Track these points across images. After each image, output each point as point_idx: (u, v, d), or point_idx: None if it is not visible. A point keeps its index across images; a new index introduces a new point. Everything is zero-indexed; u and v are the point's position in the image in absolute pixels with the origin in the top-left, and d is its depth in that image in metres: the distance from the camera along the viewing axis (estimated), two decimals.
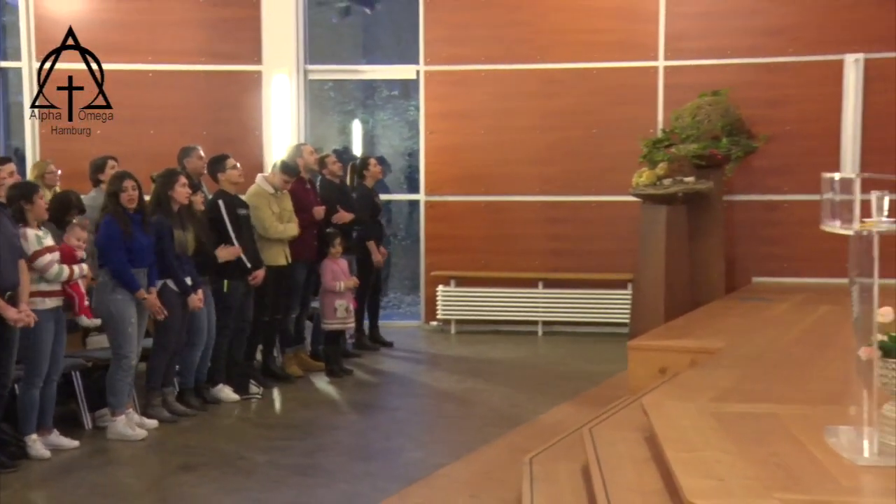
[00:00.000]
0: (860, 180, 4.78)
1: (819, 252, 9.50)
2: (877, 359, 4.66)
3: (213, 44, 12.05)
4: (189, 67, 12.03)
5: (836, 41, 11.40)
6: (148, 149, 10.82)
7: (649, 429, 5.59)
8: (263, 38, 12.12)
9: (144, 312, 7.41)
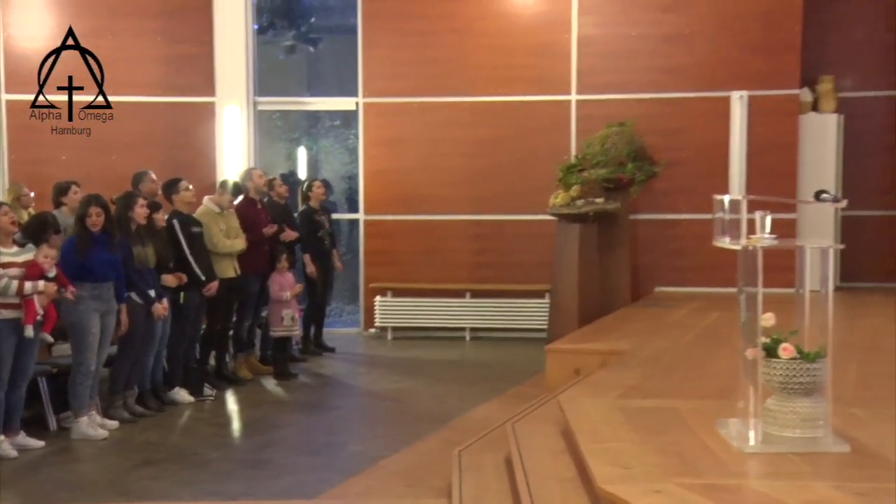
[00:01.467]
0: (746, 201, 4.90)
1: (712, 264, 9.62)
2: (761, 358, 4.76)
3: (170, 77, 11.96)
4: (148, 99, 11.93)
5: (724, 80, 11.57)
6: (110, 174, 10.68)
7: (565, 423, 5.64)
8: (216, 72, 12.05)
9: (109, 323, 7.36)
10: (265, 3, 13.00)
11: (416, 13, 12.05)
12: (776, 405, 4.77)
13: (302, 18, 13.41)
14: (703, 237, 5.60)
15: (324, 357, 10.85)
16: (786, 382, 4.71)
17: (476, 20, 12.03)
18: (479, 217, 12.06)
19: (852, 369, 6.87)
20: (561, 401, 6.10)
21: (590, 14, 11.86)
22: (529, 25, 11.97)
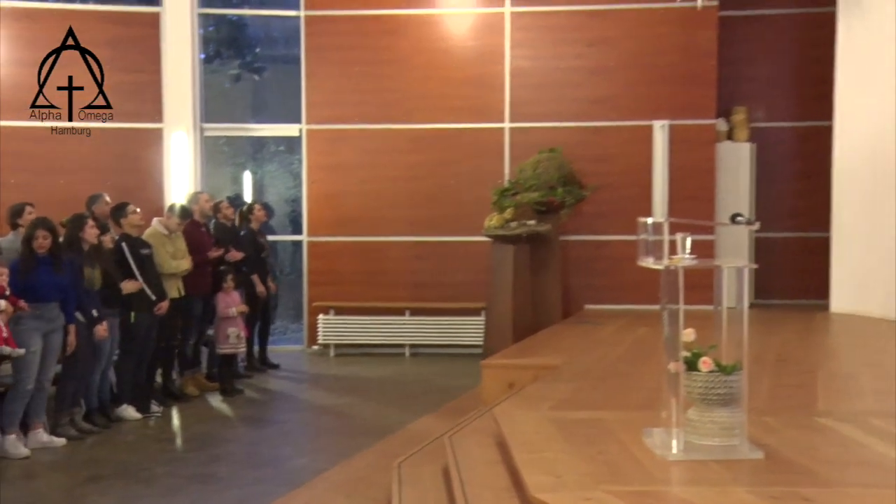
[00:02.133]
0: (668, 224, 4.96)
1: (637, 283, 9.73)
2: (682, 371, 4.82)
3: (120, 104, 11.74)
4: (98, 125, 11.74)
5: (647, 110, 11.75)
6: (59, 197, 10.50)
7: (499, 435, 5.65)
8: (164, 99, 11.95)
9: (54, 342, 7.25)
10: (212, 33, 12.94)
11: (357, 45, 12.07)
12: (696, 415, 4.83)
13: (247, 48, 13.37)
14: (628, 257, 5.66)
15: (268, 373, 10.78)
16: (705, 394, 4.77)
17: (415, 53, 12.08)
18: (418, 238, 12.07)
19: (765, 381, 6.99)
20: (496, 413, 6.11)
21: (521, 48, 11.97)
22: (465, 58, 12.05)
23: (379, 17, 12.08)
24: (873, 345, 9.28)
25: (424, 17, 12.10)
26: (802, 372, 7.75)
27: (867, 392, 6.98)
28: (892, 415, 5.95)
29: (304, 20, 12.11)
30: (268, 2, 13.14)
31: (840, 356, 9.13)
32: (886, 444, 5.16)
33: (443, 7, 12.08)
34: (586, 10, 11.89)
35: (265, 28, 13.15)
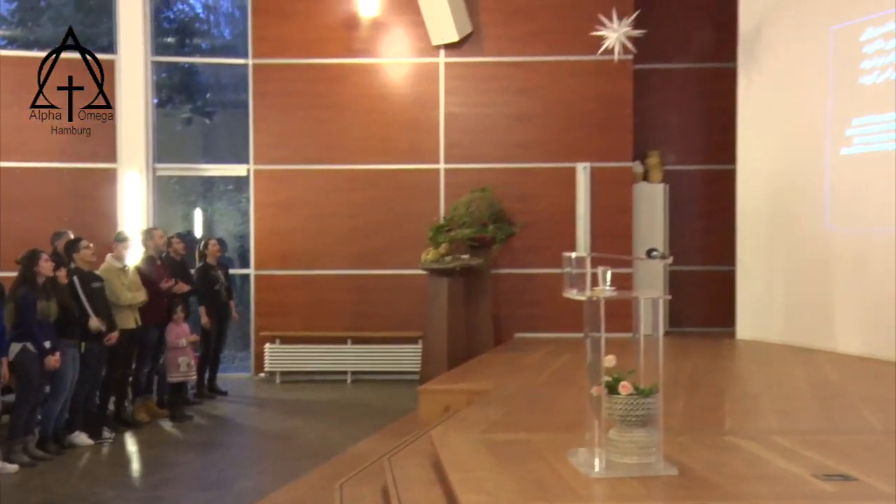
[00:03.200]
0: (590, 258, 5.01)
1: (562, 313, 9.76)
2: (604, 395, 4.85)
3: (76, 145, 11.61)
4: (54, 165, 11.61)
5: (570, 153, 11.86)
6: (17, 234, 10.33)
7: (435, 456, 5.63)
8: (118, 141, 11.79)
9: None
10: (165, 79, 12.85)
11: (302, 91, 12.05)
12: (617, 436, 4.86)
13: (198, 94, 13.29)
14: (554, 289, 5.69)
15: (217, 400, 10.62)
16: (625, 416, 4.81)
17: (356, 98, 12.09)
18: (359, 272, 12.01)
19: (680, 403, 7.07)
20: (432, 436, 6.09)
21: (454, 95, 12.05)
22: (403, 104, 12.09)
23: (322, 66, 12.08)
24: (773, 368, 9.45)
25: (365, 66, 12.13)
26: (712, 394, 7.87)
27: (769, 412, 7.12)
28: (791, 432, 6.06)
29: (251, 68, 12.07)
30: (218, 50, 13.09)
31: (745, 379, 9.23)
32: (787, 460, 5.25)
33: (382, 57, 12.12)
34: (514, 61, 12.00)
35: (215, 75, 13.08)
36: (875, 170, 9.85)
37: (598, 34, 11.54)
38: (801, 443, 5.64)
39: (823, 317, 10.47)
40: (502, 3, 11.98)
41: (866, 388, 8.06)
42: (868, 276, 9.90)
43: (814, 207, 10.63)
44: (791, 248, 10.91)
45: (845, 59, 10.28)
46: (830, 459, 5.22)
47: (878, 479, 4.83)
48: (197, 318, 10.41)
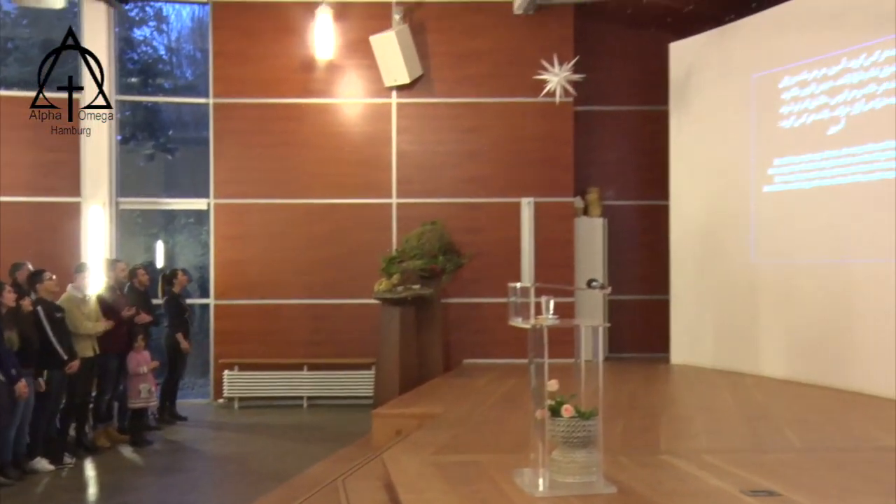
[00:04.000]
0: (534, 288, 5.07)
1: (508, 339, 9.79)
2: (547, 418, 4.90)
3: (42, 180, 11.51)
4: (20, 199, 11.44)
5: (515, 189, 11.94)
6: None
7: (387, 477, 5.63)
8: (82, 175, 11.64)
9: None
10: (128, 117, 12.75)
11: (260, 129, 12.02)
12: (560, 456, 4.90)
13: (161, 131, 13.19)
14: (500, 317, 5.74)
15: (177, 425, 10.46)
16: (567, 437, 4.86)
17: (313, 136, 12.08)
18: (315, 301, 11.95)
19: (618, 424, 7.13)
20: (384, 458, 6.09)
21: (406, 133, 12.10)
22: (357, 141, 12.11)
23: (280, 105, 12.06)
24: (704, 391, 9.56)
25: (321, 105, 12.13)
26: (648, 416, 7.95)
27: (701, 432, 7.18)
28: (721, 451, 6.16)
29: (212, 107, 12.02)
30: (180, 90, 13.02)
31: (678, 401, 9.32)
32: (717, 477, 5.33)
33: (337, 97, 12.14)
34: (462, 102, 12.08)
35: (177, 113, 13.00)
36: (795, 206, 10.07)
37: (541, 78, 11.75)
38: (729, 461, 5.73)
39: (750, 343, 10.61)
40: (451, 48, 12.08)
41: (789, 410, 8.21)
42: (790, 305, 10.08)
43: (740, 241, 10.79)
44: (720, 279, 11.07)
45: (766, 105, 10.50)
46: (756, 476, 5.32)
47: (800, 494, 4.93)
48: (157, 346, 10.31)
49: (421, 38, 12.01)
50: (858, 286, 9.18)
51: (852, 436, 7.07)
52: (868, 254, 9.08)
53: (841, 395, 8.93)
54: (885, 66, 8.96)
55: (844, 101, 9.46)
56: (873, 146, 9.06)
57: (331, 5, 11.93)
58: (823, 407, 8.36)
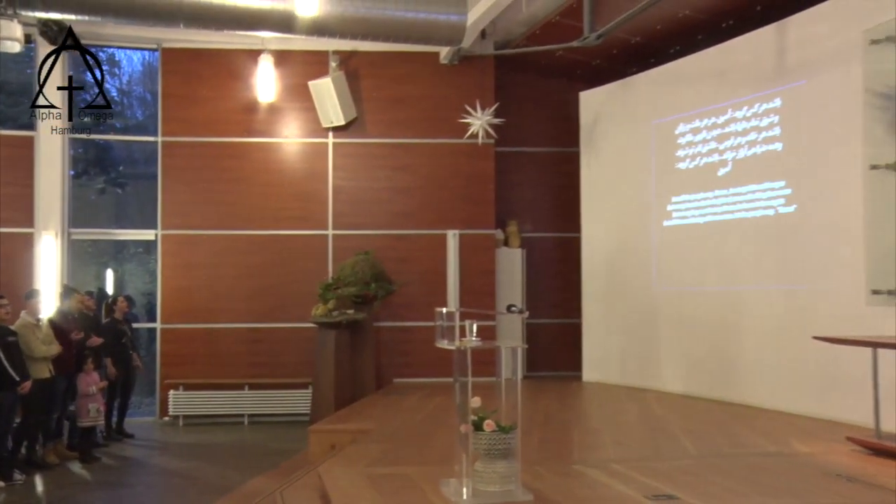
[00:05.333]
0: (459, 313, 5.13)
1: (435, 360, 9.74)
2: (471, 432, 4.95)
3: None
4: None
5: (441, 222, 12.02)
6: None
7: (323, 489, 5.60)
8: (35, 208, 11.40)
9: None
10: (81, 154, 12.52)
11: (206, 166, 11.91)
12: (482, 467, 4.95)
13: (111, 167, 12.97)
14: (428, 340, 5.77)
15: (124, 442, 10.22)
16: (489, 449, 4.91)
17: (255, 173, 12.02)
18: (255, 325, 11.84)
19: (535, 436, 7.20)
20: (320, 471, 6.05)
21: (341, 171, 12.12)
22: (296, 177, 12.07)
23: (225, 144, 11.98)
24: (613, 406, 9.66)
25: (263, 144, 12.08)
26: (562, 429, 8.03)
27: (609, 444, 7.26)
28: (626, 460, 6.27)
29: (160, 144, 11.88)
30: (130, 129, 12.84)
31: (588, 416, 9.38)
32: (623, 484, 5.43)
33: (278, 137, 12.12)
34: (393, 142, 12.15)
35: (127, 150, 12.80)
36: (690, 239, 10.32)
37: (465, 121, 11.90)
38: (634, 469, 5.84)
39: (652, 362, 10.80)
40: (383, 93, 12.17)
41: (685, 421, 8.33)
42: (686, 328, 10.30)
43: (643, 270, 11.01)
44: (625, 305, 11.26)
45: (664, 148, 10.76)
46: (657, 482, 5.44)
47: (695, 497, 5.06)
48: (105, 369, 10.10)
49: (355, 84, 12.08)
50: (744, 310, 9.42)
51: (738, 443, 7.21)
52: (752, 281, 9.34)
53: (729, 407, 9.12)
54: (763, 118, 9.30)
55: (731, 146, 9.76)
56: (755, 186, 9.37)
57: (272, 53, 11.94)
58: (714, 418, 8.51)
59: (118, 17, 8.95)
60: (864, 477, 5.66)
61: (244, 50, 11.93)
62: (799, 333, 8.20)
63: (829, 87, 8.38)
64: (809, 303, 8.51)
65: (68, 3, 8.43)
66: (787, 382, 8.76)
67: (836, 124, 8.27)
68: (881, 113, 7.76)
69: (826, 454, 6.48)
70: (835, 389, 8.03)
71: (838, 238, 8.18)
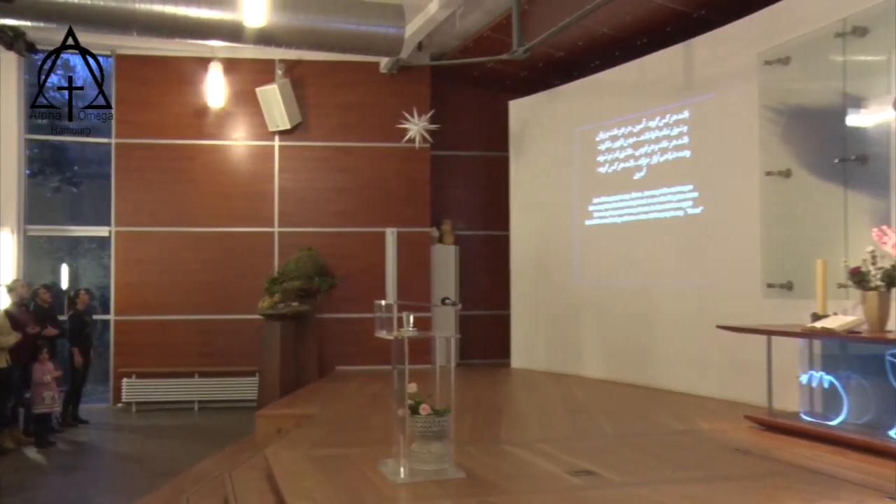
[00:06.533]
0: (397, 305, 5.16)
1: (375, 349, 9.76)
2: (407, 416, 4.99)
3: None
4: None
5: (380, 220, 12.01)
6: None
7: (269, 470, 5.57)
8: None
9: None
10: (36, 154, 12.17)
11: (157, 167, 11.70)
12: (418, 448, 4.99)
13: (66, 167, 12.63)
14: (367, 330, 5.78)
15: (79, 428, 10.01)
16: (424, 431, 4.95)
17: (204, 173, 11.85)
18: (205, 317, 11.67)
19: (467, 419, 7.24)
20: (266, 453, 6.02)
21: (287, 172, 12.02)
22: (244, 178, 11.94)
23: (176, 146, 11.78)
24: (537, 390, 9.73)
25: (213, 146, 11.91)
26: (491, 412, 8.06)
27: (533, 425, 7.36)
28: (550, 440, 6.36)
29: (114, 146, 11.64)
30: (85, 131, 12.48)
31: (516, 400, 9.44)
32: (547, 461, 5.53)
33: (227, 140, 11.96)
34: (336, 145, 12.10)
35: (82, 151, 12.47)
36: (609, 237, 10.48)
37: (403, 127, 11.92)
38: (557, 448, 5.93)
39: (574, 349, 10.93)
40: (326, 100, 12.10)
41: (603, 404, 8.47)
42: (605, 319, 10.47)
43: (566, 265, 11.12)
44: (550, 297, 11.38)
45: (586, 154, 10.90)
46: (577, 459, 5.54)
47: (611, 472, 5.19)
48: (62, 357, 9.86)
49: (300, 91, 11.99)
50: (657, 303, 9.63)
51: (651, 423, 7.36)
52: (664, 276, 9.55)
53: (644, 391, 9.31)
54: (674, 127, 9.52)
55: (645, 153, 9.95)
56: (667, 190, 9.58)
57: (221, 60, 11.78)
58: (630, 401, 8.66)
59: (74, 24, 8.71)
60: (759, 450, 5.86)
61: (195, 57, 11.74)
62: (705, 323, 8.39)
63: (731, 101, 8.62)
64: (714, 296, 8.73)
65: (25, 9, 8.18)
66: (694, 367, 8.98)
67: (737, 134, 8.51)
68: (774, 125, 8.03)
69: (727, 431, 6.68)
70: (735, 373, 8.26)
71: (739, 237, 8.42)
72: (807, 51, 7.62)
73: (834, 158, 7.14)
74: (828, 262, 6.69)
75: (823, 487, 4.80)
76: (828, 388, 6.58)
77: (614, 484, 4.90)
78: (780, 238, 7.91)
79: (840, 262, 6.62)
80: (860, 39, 6.98)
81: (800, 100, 7.81)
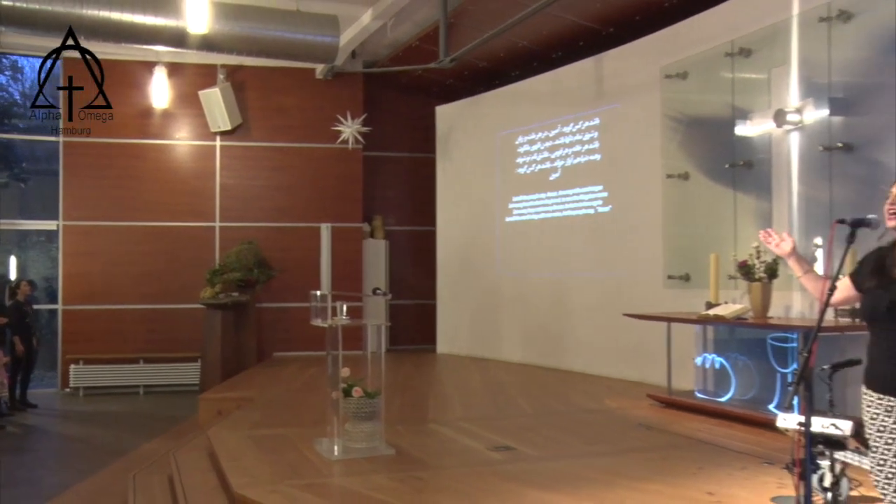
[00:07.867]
0: (331, 295, 5.12)
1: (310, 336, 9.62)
2: (341, 398, 4.96)
3: None
4: None
5: (316, 216, 11.83)
6: None
7: (211, 449, 5.49)
8: None
9: None
10: None
11: (104, 164, 11.30)
12: (351, 427, 4.98)
13: (15, 163, 12.11)
14: (303, 319, 5.72)
15: (28, 412, 9.61)
16: (357, 412, 4.95)
17: (149, 171, 11.50)
18: (149, 306, 11.34)
19: (396, 401, 7.25)
20: (209, 434, 5.92)
21: (228, 170, 11.76)
22: (187, 176, 11.64)
23: (121, 145, 11.40)
24: (461, 374, 9.79)
25: (157, 145, 11.58)
26: (419, 394, 8.10)
27: (457, 405, 7.39)
28: (472, 419, 6.43)
29: (62, 144, 11.19)
30: (32, 129, 11.98)
31: (442, 382, 9.49)
32: (470, 438, 5.58)
33: (170, 139, 11.64)
34: (273, 146, 11.89)
35: (30, 149, 11.97)
36: (527, 233, 10.60)
37: (337, 129, 11.80)
38: (479, 426, 5.99)
39: (495, 336, 11.01)
40: (264, 103, 11.88)
41: (522, 385, 8.56)
42: (524, 307, 10.59)
43: (488, 259, 11.18)
44: (473, 287, 11.44)
45: (507, 156, 10.98)
46: (497, 436, 5.61)
47: (528, 447, 5.26)
48: (10, 344, 9.48)
49: (241, 94, 11.75)
50: (571, 293, 9.77)
51: (565, 402, 7.49)
52: (576, 269, 9.70)
53: (559, 373, 9.44)
54: (586, 133, 9.67)
55: (560, 156, 10.08)
56: (580, 190, 9.73)
57: (166, 65, 11.45)
58: (547, 382, 8.77)
59: (22, 28, 8.37)
60: (659, 425, 6.03)
61: (140, 61, 11.37)
62: (613, 311, 8.56)
63: (637, 110, 8.81)
64: (621, 286, 8.91)
65: None
66: (604, 351, 9.16)
67: (642, 140, 8.69)
68: (674, 133, 8.24)
69: (631, 409, 6.84)
70: (639, 356, 8.46)
71: (643, 233, 8.61)
72: (702, 67, 7.84)
73: (725, 164, 7.36)
74: (720, 256, 6.91)
75: (713, 455, 4.97)
76: (719, 369, 6.81)
77: (532, 458, 4.96)
78: (680, 234, 8.12)
79: (730, 256, 6.84)
80: (746, 59, 7.22)
81: (696, 110, 8.03)
